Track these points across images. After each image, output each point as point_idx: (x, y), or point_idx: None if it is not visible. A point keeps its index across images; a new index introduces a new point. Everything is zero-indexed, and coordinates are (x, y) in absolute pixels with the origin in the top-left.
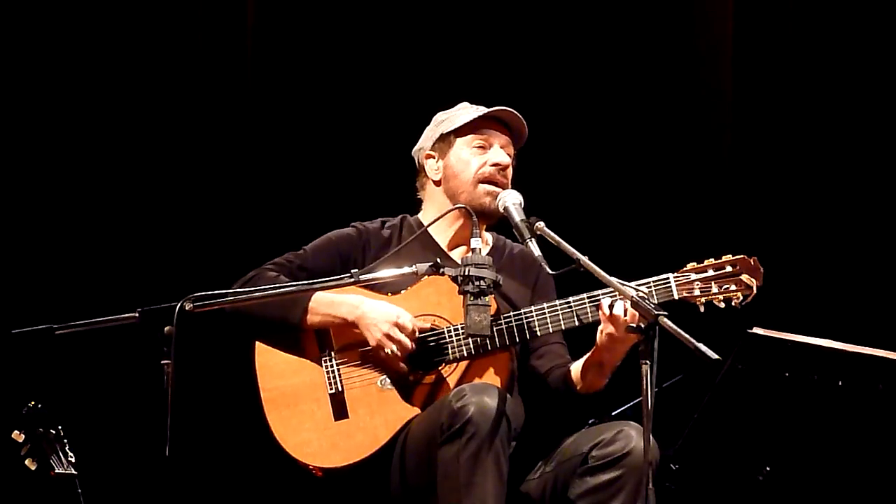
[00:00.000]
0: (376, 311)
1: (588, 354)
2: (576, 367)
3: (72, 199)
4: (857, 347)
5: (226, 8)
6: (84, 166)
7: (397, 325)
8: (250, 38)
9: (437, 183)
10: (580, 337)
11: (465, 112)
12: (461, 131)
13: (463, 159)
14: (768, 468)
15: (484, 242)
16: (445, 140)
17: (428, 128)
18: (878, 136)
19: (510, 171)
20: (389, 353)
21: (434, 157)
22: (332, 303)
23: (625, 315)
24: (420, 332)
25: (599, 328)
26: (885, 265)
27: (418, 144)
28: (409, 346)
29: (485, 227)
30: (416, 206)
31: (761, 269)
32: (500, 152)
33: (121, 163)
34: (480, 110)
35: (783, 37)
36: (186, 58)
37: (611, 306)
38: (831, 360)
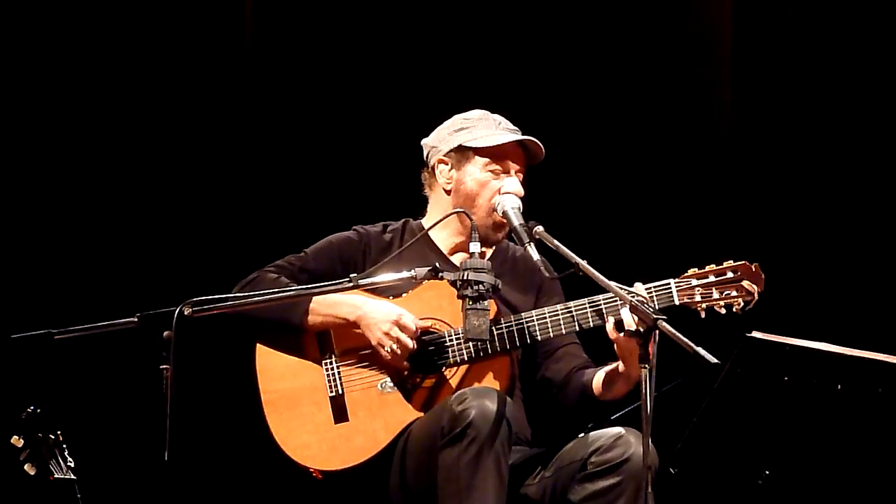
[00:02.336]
0: (377, 310)
1: (612, 366)
2: (598, 378)
3: (71, 204)
4: (856, 351)
5: (224, 6)
6: (83, 170)
7: (398, 325)
8: (249, 37)
9: (447, 192)
10: (592, 339)
11: (487, 127)
12: (482, 151)
13: (479, 181)
14: (767, 472)
15: (488, 246)
16: (463, 153)
17: (444, 127)
18: (879, 141)
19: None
20: (390, 351)
21: (447, 165)
22: (333, 303)
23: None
24: (421, 332)
25: (611, 336)
26: (884, 269)
27: (431, 140)
28: (411, 345)
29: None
30: (418, 207)
31: (762, 276)
32: (514, 181)
33: (120, 166)
34: (502, 128)
35: (782, 38)
36: (185, 60)
37: (617, 323)
38: (830, 363)
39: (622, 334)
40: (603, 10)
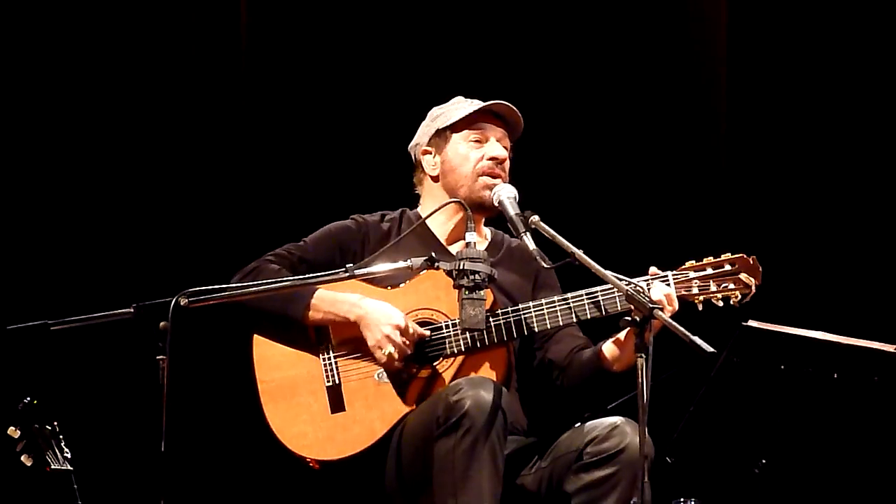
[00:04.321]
0: (377, 312)
1: (621, 333)
2: (609, 348)
3: (67, 195)
4: (852, 340)
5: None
6: (79, 162)
7: (398, 329)
8: (245, 27)
9: (435, 179)
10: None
11: (461, 107)
12: (457, 126)
13: (461, 154)
14: (764, 461)
15: (482, 237)
16: (442, 136)
17: (423, 123)
18: (872, 133)
19: (507, 164)
20: (387, 355)
21: (431, 153)
22: (333, 301)
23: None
24: (419, 335)
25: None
26: (879, 258)
27: (414, 140)
28: (408, 351)
29: (482, 221)
30: (414, 200)
31: (760, 269)
32: (496, 146)
33: (115, 157)
34: (475, 104)
35: (777, 32)
36: (180, 50)
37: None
38: (826, 352)
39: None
40: (603, 6)
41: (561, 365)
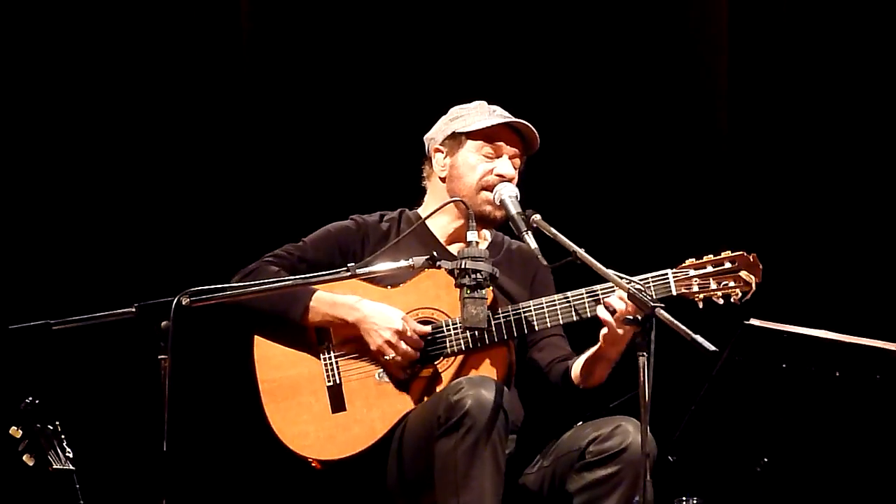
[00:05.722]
0: (377, 315)
1: (592, 350)
2: (577, 364)
3: (68, 195)
4: (854, 338)
5: None
6: (80, 161)
7: (397, 334)
8: (245, 24)
9: (442, 179)
10: (581, 331)
11: (481, 114)
12: (474, 135)
13: (470, 163)
14: (766, 459)
15: (482, 238)
16: (457, 139)
17: (442, 119)
18: (872, 131)
19: (515, 181)
20: (390, 359)
21: (443, 153)
22: (332, 303)
23: (625, 307)
24: (420, 334)
25: (602, 318)
26: (881, 257)
27: (430, 133)
28: (413, 355)
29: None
30: (415, 197)
31: (760, 266)
32: (507, 164)
33: (116, 157)
34: (496, 114)
35: (779, 30)
36: (181, 49)
37: (610, 301)
38: (828, 351)
39: (614, 317)
40: (603, 7)
41: (540, 374)
